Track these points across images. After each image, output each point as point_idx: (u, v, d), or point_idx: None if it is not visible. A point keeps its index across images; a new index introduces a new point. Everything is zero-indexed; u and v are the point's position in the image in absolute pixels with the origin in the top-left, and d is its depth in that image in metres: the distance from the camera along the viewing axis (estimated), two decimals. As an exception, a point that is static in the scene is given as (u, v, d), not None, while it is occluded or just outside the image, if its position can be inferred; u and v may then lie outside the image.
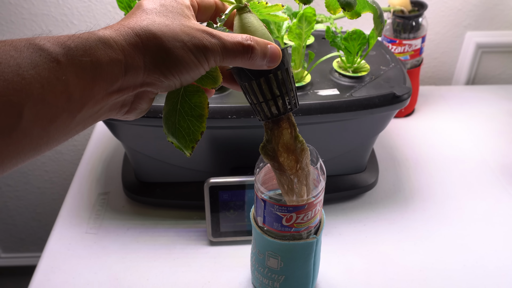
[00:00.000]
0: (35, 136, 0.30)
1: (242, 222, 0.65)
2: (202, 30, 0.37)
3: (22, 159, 0.30)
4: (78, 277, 0.62)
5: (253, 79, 0.41)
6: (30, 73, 0.29)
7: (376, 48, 0.75)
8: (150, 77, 0.35)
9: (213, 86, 0.40)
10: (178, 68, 0.36)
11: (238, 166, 0.69)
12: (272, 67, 0.40)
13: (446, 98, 0.99)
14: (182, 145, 0.40)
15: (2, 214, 1.27)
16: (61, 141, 0.33)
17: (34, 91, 0.29)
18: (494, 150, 0.84)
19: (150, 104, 0.40)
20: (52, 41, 0.31)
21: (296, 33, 0.60)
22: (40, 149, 0.31)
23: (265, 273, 0.55)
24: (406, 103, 0.64)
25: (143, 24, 0.35)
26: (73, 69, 0.31)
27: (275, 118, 0.43)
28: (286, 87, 0.42)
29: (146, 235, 0.68)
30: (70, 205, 0.74)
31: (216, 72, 0.40)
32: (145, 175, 0.72)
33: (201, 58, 0.36)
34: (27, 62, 0.29)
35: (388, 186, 0.77)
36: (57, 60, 0.30)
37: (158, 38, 0.35)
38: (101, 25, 0.98)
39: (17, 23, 0.97)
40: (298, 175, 0.46)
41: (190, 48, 0.35)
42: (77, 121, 0.32)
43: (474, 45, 1.02)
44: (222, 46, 0.37)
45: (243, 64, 0.39)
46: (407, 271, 0.63)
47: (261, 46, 0.38)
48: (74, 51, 0.31)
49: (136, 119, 0.41)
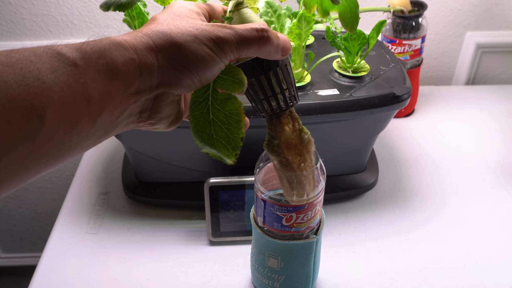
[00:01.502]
0: (58, 141, 0.30)
1: (242, 222, 0.65)
2: (212, 24, 0.37)
3: (45, 165, 0.31)
4: (78, 277, 0.62)
5: (262, 73, 0.41)
6: (50, 77, 0.29)
7: (376, 48, 0.75)
8: (165, 75, 0.35)
9: (241, 90, 0.40)
10: (193, 63, 0.35)
11: (238, 166, 0.69)
12: (284, 56, 0.40)
13: (446, 98, 0.99)
14: (223, 154, 0.40)
15: (2, 214, 1.27)
16: (84, 148, 0.33)
17: (54, 94, 0.29)
18: (494, 150, 0.84)
19: (177, 109, 0.39)
20: (69, 46, 0.32)
21: (296, 33, 0.60)
22: (63, 155, 0.31)
23: (265, 273, 0.55)
24: (406, 103, 0.64)
25: (152, 27, 0.36)
26: (91, 72, 0.31)
27: (282, 112, 0.43)
28: (292, 80, 0.43)
29: (146, 235, 0.68)
30: (70, 205, 0.74)
31: (240, 74, 0.40)
32: (145, 175, 0.72)
33: (217, 50, 0.36)
34: (47, 67, 0.29)
35: (388, 186, 0.77)
36: (75, 64, 0.31)
37: (168, 35, 0.35)
38: (101, 25, 0.98)
39: (17, 23, 0.98)
40: (306, 168, 0.45)
41: (202, 41, 0.35)
42: (98, 126, 0.33)
43: (474, 45, 1.02)
44: (236, 34, 0.37)
45: (258, 52, 0.38)
46: (407, 271, 0.63)
47: (274, 33, 0.39)
48: (90, 54, 0.32)
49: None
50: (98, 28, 0.99)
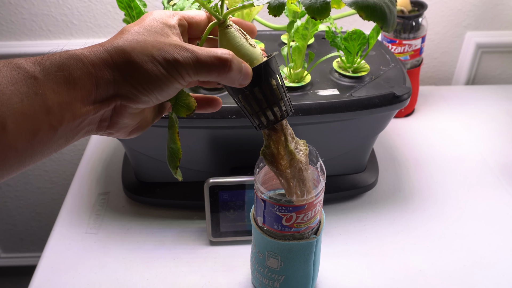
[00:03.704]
0: (20, 149, 0.32)
1: (242, 222, 0.65)
2: (175, 45, 0.37)
3: (8, 171, 0.32)
4: (78, 277, 0.62)
5: (246, 91, 0.41)
6: (10, 89, 0.31)
7: (376, 48, 0.75)
8: (121, 90, 0.36)
9: (187, 113, 0.41)
10: (147, 81, 0.36)
11: (238, 166, 0.69)
12: (242, 86, 0.40)
13: (446, 98, 0.99)
14: (170, 167, 0.43)
15: (2, 214, 1.27)
16: (45, 155, 0.34)
17: (15, 105, 0.31)
18: (494, 150, 0.84)
19: (136, 120, 0.40)
20: (29, 60, 0.33)
21: (302, 34, 0.60)
22: (25, 162, 0.33)
23: (265, 273, 0.55)
24: (406, 103, 0.64)
25: (115, 43, 0.36)
26: (50, 84, 0.33)
27: (270, 127, 0.44)
28: (281, 94, 0.43)
29: (146, 235, 0.68)
30: (70, 205, 0.74)
31: (188, 99, 0.41)
32: (145, 175, 0.72)
33: (173, 72, 0.36)
34: (7, 80, 0.31)
35: (388, 186, 0.77)
36: (34, 77, 0.32)
37: (126, 53, 0.36)
38: (101, 25, 0.98)
39: (17, 23, 0.98)
40: (298, 177, 0.46)
41: (159, 62, 0.36)
42: (59, 134, 0.34)
43: (474, 45, 1.02)
44: (195, 59, 0.37)
45: (218, 79, 0.39)
46: (407, 271, 0.63)
47: (237, 63, 0.39)
48: (49, 67, 0.33)
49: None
50: (98, 28, 0.99)
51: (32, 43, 1.00)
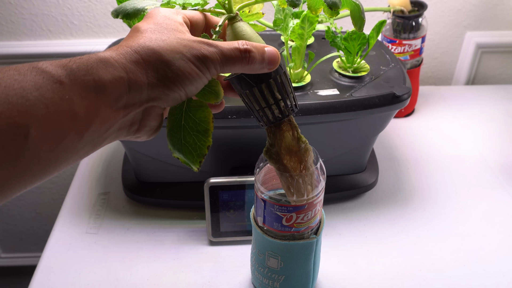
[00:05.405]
0: (43, 157, 0.30)
1: (242, 222, 0.65)
2: (199, 41, 0.37)
3: (31, 180, 0.31)
4: (78, 277, 0.62)
5: (254, 86, 0.42)
6: (34, 95, 0.29)
7: (376, 48, 0.75)
8: (154, 91, 0.36)
9: (215, 101, 0.41)
10: (181, 79, 0.36)
11: (238, 166, 0.69)
12: (272, 69, 0.40)
13: (446, 98, 0.99)
14: (189, 160, 0.41)
15: (2, 214, 1.27)
16: (71, 162, 0.33)
17: (39, 111, 0.29)
18: (494, 150, 0.84)
19: (160, 121, 0.40)
20: (54, 64, 0.32)
21: (299, 34, 0.60)
22: (49, 170, 0.31)
23: (265, 273, 0.55)
24: (406, 103, 0.64)
25: (141, 42, 0.36)
26: (77, 89, 0.31)
27: (278, 122, 0.44)
28: (286, 90, 0.43)
29: (146, 235, 0.68)
30: (70, 205, 0.74)
31: (218, 86, 0.41)
32: (145, 175, 0.72)
33: (202, 67, 0.37)
34: (31, 85, 0.29)
35: (388, 186, 0.77)
36: (60, 81, 0.31)
37: (157, 53, 0.35)
38: (101, 25, 0.98)
39: (17, 23, 0.98)
40: (303, 176, 0.46)
41: (189, 59, 0.36)
42: (85, 140, 0.33)
43: (474, 45, 1.02)
44: (221, 53, 0.38)
45: (242, 69, 0.39)
46: (407, 271, 0.63)
47: (259, 49, 0.39)
48: (76, 71, 0.32)
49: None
50: (98, 28, 0.99)
51: (32, 43, 1.00)
